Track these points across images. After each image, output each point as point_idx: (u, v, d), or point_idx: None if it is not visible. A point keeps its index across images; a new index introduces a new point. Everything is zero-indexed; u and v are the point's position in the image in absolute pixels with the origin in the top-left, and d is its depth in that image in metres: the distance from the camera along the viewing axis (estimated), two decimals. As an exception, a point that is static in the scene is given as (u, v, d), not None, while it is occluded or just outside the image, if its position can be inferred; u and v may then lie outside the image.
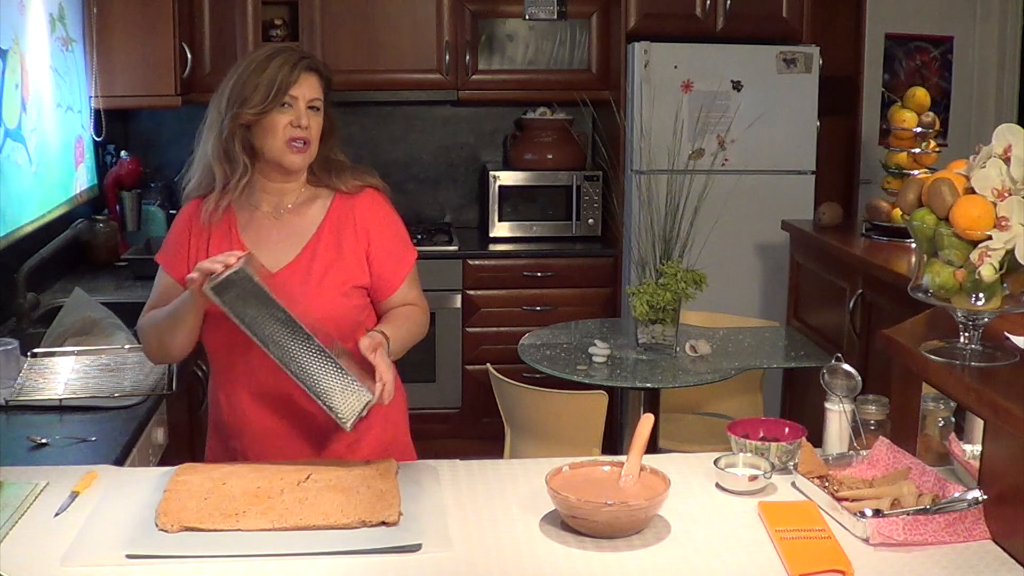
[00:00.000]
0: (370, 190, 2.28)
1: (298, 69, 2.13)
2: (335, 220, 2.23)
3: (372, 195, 2.28)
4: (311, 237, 2.21)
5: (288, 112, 2.13)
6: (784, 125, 4.69)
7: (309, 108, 2.16)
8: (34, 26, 3.47)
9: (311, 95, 2.16)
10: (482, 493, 1.96)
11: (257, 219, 2.22)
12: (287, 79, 2.12)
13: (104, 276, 3.97)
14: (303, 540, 1.74)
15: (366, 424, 2.22)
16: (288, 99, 2.13)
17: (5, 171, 3.16)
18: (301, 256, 2.19)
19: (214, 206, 2.18)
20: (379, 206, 2.28)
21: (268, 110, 2.12)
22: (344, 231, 2.22)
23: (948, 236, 1.83)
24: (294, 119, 2.13)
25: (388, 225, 2.28)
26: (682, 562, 1.70)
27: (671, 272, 3.45)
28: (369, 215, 2.25)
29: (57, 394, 2.49)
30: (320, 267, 2.19)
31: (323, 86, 2.19)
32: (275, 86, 2.11)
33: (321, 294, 2.17)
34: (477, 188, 5.35)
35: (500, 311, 4.82)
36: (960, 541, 1.75)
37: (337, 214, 2.23)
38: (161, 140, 4.95)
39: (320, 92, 2.18)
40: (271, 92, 2.11)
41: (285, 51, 2.17)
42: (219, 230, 2.20)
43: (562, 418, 3.38)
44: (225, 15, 4.63)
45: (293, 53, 2.17)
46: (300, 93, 2.14)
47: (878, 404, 2.10)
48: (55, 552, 1.70)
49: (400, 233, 2.30)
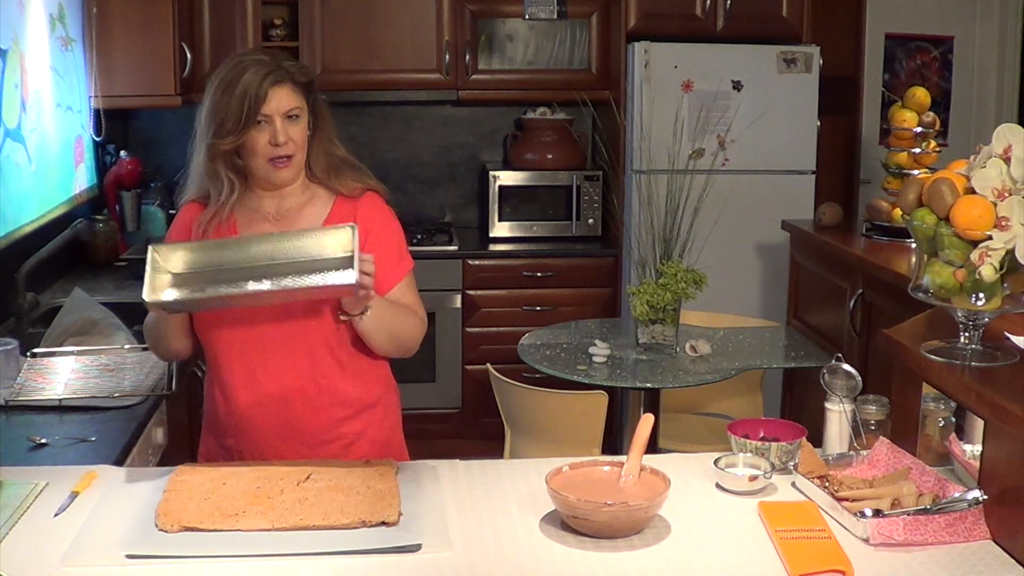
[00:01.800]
0: (371, 193, 2.26)
1: (265, 86, 2.07)
2: (337, 217, 2.21)
3: (373, 198, 2.26)
4: None
5: (265, 129, 2.10)
6: (784, 125, 4.69)
7: (287, 118, 2.11)
8: (34, 26, 3.47)
9: (286, 107, 2.11)
10: (482, 493, 1.96)
11: (257, 221, 2.21)
12: (255, 100, 2.07)
13: (104, 276, 3.97)
14: (303, 540, 1.74)
15: (362, 423, 2.22)
16: (261, 117, 2.09)
17: (5, 171, 3.16)
18: None
19: (208, 219, 2.18)
20: (380, 210, 2.26)
21: (243, 134, 2.09)
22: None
23: (948, 236, 1.83)
24: (271, 136, 2.10)
25: (385, 229, 2.25)
26: (682, 562, 1.70)
27: (671, 272, 3.45)
28: (369, 218, 2.22)
29: (57, 394, 2.49)
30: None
31: (300, 90, 2.14)
32: (244, 110, 2.06)
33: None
34: (477, 188, 5.35)
35: (500, 311, 4.82)
36: (960, 541, 1.75)
37: (338, 215, 2.22)
38: (161, 140, 4.95)
39: (297, 99, 2.13)
40: (241, 117, 2.07)
41: (253, 65, 2.09)
42: (219, 233, 2.19)
43: (562, 418, 3.38)
44: (225, 15, 4.63)
45: (260, 68, 2.09)
46: (273, 108, 2.09)
47: (878, 404, 2.10)
48: (55, 552, 1.70)
49: (398, 240, 2.28)
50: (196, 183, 2.21)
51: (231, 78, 2.08)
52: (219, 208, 2.17)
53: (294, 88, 2.12)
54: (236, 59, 2.13)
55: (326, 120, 2.23)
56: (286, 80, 2.11)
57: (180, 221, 2.25)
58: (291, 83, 2.12)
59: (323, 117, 2.22)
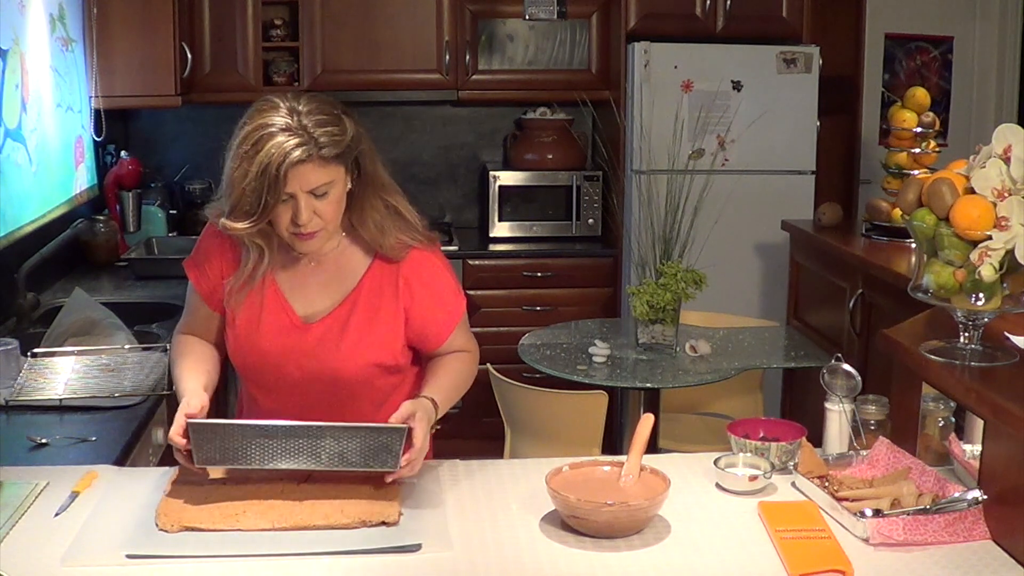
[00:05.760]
0: (415, 250, 2.08)
1: (285, 167, 1.84)
2: (377, 277, 2.07)
3: (418, 254, 2.08)
4: (351, 291, 2.07)
5: (288, 204, 1.90)
6: (784, 125, 4.69)
7: (314, 196, 1.90)
8: (34, 26, 3.47)
9: (311, 184, 1.89)
10: (482, 493, 1.96)
11: (294, 260, 2.06)
12: (275, 184, 1.85)
13: (104, 276, 3.97)
14: (303, 540, 1.74)
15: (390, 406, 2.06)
16: (284, 195, 1.88)
17: (5, 171, 3.16)
18: (339, 310, 2.06)
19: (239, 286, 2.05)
20: (426, 265, 2.09)
21: (261, 220, 1.89)
22: (385, 291, 2.07)
23: (948, 236, 1.83)
24: (294, 214, 1.91)
25: (432, 285, 2.09)
26: (682, 562, 1.70)
27: (671, 272, 3.45)
28: (414, 275, 2.07)
29: (57, 394, 2.49)
30: (356, 327, 2.05)
31: (333, 163, 1.90)
32: (262, 196, 1.85)
33: (357, 355, 2.06)
34: (477, 188, 5.35)
35: (500, 311, 4.82)
36: (960, 541, 1.75)
37: (380, 269, 2.07)
38: (161, 140, 4.95)
39: (325, 175, 1.89)
40: (259, 205, 1.86)
41: (277, 134, 1.85)
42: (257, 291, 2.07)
43: (562, 418, 3.38)
44: (225, 15, 4.63)
45: (284, 139, 1.84)
46: (295, 188, 1.87)
47: (878, 404, 2.10)
48: (55, 552, 1.70)
49: (447, 287, 2.12)
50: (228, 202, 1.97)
51: (254, 143, 1.86)
52: (249, 276, 2.04)
53: (323, 163, 1.88)
54: (263, 113, 1.89)
55: (371, 171, 2.02)
56: (313, 157, 1.87)
57: (212, 240, 2.09)
58: (319, 159, 1.87)
59: (368, 170, 2.01)
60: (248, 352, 2.09)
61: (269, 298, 2.07)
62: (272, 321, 2.07)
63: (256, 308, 2.07)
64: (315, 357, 2.06)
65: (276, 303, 2.07)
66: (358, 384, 2.08)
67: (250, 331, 2.07)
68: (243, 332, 2.08)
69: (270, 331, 2.07)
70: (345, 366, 2.06)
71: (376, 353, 2.07)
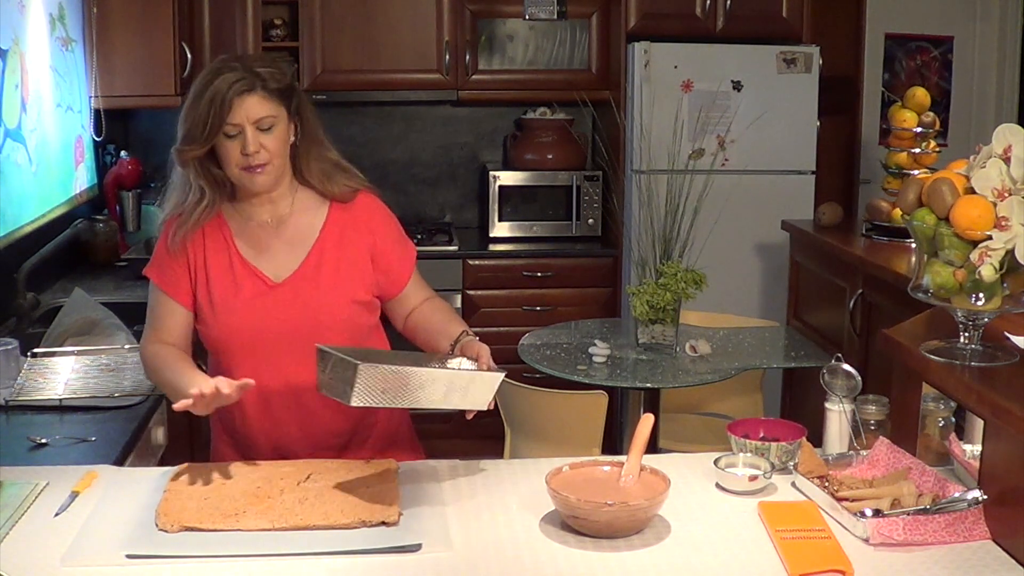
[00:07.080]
0: (363, 193, 2.26)
1: (231, 94, 2.03)
2: (336, 224, 2.21)
3: (367, 197, 2.26)
4: (314, 243, 2.19)
5: (237, 139, 2.07)
6: (784, 125, 4.69)
7: (260, 129, 2.07)
8: (34, 26, 3.47)
9: (257, 115, 2.06)
10: (482, 493, 1.96)
11: (252, 228, 2.19)
12: (220, 110, 2.03)
13: (104, 276, 3.96)
14: (303, 540, 1.74)
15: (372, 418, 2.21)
16: (231, 128, 2.06)
17: (5, 171, 3.16)
18: (307, 262, 2.18)
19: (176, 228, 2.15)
20: (377, 206, 2.27)
21: (208, 143, 2.06)
22: (346, 235, 2.21)
23: (948, 236, 1.83)
24: (242, 146, 2.07)
25: (388, 222, 2.28)
26: (682, 562, 1.70)
27: (671, 272, 3.45)
28: (368, 215, 2.24)
29: (57, 394, 2.49)
30: (328, 273, 2.17)
31: (275, 97, 2.08)
32: (210, 119, 2.03)
33: (334, 301, 2.16)
34: (477, 188, 5.35)
35: (500, 311, 4.82)
36: (960, 541, 1.75)
37: (337, 218, 2.22)
38: (161, 140, 4.92)
39: (270, 108, 2.07)
40: (207, 126, 2.04)
41: (224, 72, 2.05)
42: (214, 244, 2.18)
43: (562, 418, 3.38)
44: (225, 15, 4.63)
45: (230, 75, 2.05)
46: (242, 118, 2.05)
47: (878, 404, 2.10)
48: (55, 552, 1.70)
49: (399, 229, 2.31)
50: (174, 197, 2.19)
51: (202, 85, 2.06)
52: (189, 214, 2.14)
53: (266, 96, 2.07)
54: (213, 65, 2.10)
55: (313, 124, 2.19)
56: (256, 88, 2.06)
57: (168, 242, 2.19)
58: (263, 91, 2.06)
59: (309, 121, 2.18)
60: (227, 321, 2.15)
61: (238, 268, 2.16)
62: (248, 287, 2.16)
63: (229, 281, 2.16)
64: (295, 307, 2.14)
65: (246, 270, 2.16)
66: (341, 324, 2.15)
67: (227, 299, 2.15)
68: (221, 304, 2.15)
69: (247, 296, 2.15)
70: (327, 309, 2.14)
71: (353, 288, 2.18)
